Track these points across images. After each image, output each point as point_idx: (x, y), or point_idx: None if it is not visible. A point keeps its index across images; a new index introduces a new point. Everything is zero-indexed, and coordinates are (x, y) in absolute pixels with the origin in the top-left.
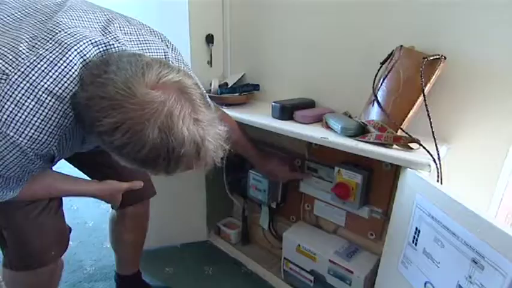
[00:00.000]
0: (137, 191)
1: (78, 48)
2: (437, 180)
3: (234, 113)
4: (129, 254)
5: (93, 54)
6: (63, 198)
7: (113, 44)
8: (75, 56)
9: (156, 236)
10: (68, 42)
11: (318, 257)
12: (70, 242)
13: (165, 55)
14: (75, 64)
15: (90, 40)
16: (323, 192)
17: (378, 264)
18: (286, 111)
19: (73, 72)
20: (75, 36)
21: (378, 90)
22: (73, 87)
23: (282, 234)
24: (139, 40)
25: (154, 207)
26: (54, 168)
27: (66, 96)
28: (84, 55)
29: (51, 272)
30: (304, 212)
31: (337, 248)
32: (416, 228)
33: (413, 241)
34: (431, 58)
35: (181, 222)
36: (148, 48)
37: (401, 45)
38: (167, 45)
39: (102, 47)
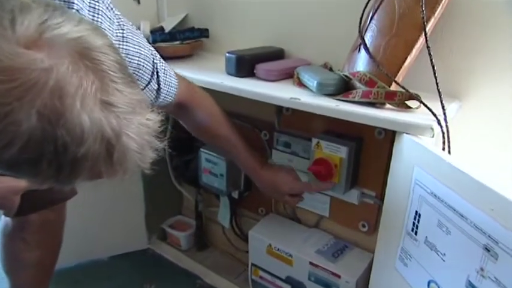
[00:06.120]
0: (46, 192)
1: None
2: (443, 149)
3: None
4: (32, 279)
5: None
6: None
7: None
8: None
9: (73, 249)
10: None
11: (295, 259)
12: None
13: None
14: None
15: None
16: (299, 173)
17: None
18: (244, 64)
19: None
20: None
21: (366, 30)
22: None
23: (247, 232)
24: None
25: (68, 208)
26: None
27: None
28: None
29: None
30: (276, 201)
31: (319, 246)
32: (416, 212)
33: (412, 229)
34: None
35: (109, 226)
36: None
37: None
38: None
39: None
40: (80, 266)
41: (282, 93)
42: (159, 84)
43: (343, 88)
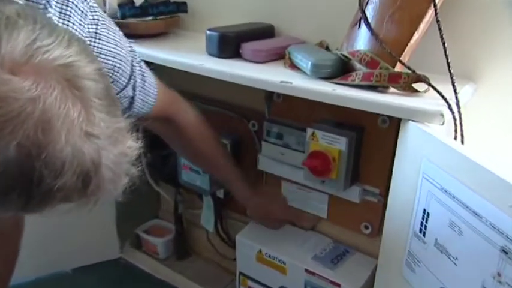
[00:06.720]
0: None
1: None
2: (455, 138)
3: (146, 51)
4: None
5: None
6: None
7: None
8: None
9: (31, 261)
10: None
11: (289, 266)
12: None
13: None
14: None
15: None
16: (292, 168)
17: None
18: (228, 43)
19: None
20: None
21: (367, 2)
22: None
23: (235, 237)
24: None
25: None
26: None
27: None
28: None
29: None
30: None
31: (316, 252)
32: (424, 211)
33: (420, 230)
34: None
35: (73, 233)
36: None
37: None
38: None
39: None
40: (39, 280)
41: (272, 76)
42: (134, 90)
43: (341, 70)
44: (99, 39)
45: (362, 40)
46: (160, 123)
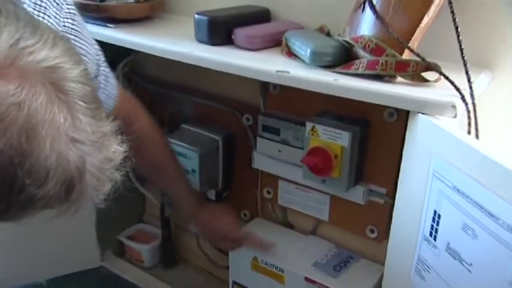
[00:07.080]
0: None
1: None
2: (469, 132)
3: (128, 37)
4: None
5: None
6: None
7: None
8: None
9: (1, 271)
10: None
11: (288, 274)
12: None
13: None
14: None
15: None
16: (290, 167)
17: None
18: (219, 29)
19: None
20: None
21: None
22: None
23: None
24: None
25: None
26: None
27: None
28: None
29: None
30: (264, 203)
31: (317, 258)
32: (435, 212)
33: (430, 233)
34: None
35: (49, 240)
36: None
37: None
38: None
39: None
40: None
41: (267, 65)
42: (97, 91)
43: (343, 58)
44: (75, 35)
45: (366, 25)
46: None
